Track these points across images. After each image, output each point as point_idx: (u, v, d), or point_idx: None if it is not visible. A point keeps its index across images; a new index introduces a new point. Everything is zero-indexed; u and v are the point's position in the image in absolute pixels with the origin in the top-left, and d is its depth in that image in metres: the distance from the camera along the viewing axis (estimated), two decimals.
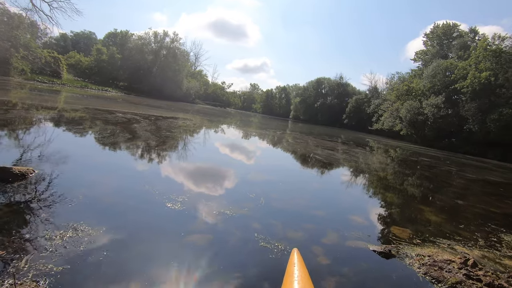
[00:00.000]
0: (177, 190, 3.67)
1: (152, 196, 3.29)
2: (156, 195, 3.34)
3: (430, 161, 15.86)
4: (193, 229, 2.68)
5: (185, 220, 2.84)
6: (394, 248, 2.96)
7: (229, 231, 2.74)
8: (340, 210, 4.16)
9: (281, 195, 4.32)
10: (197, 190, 3.84)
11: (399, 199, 5.55)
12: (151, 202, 3.13)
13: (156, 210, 2.95)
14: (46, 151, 4.49)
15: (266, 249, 2.50)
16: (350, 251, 2.79)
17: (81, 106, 13.82)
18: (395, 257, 2.74)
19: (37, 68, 33.11)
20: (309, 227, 3.22)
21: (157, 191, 3.46)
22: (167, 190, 3.56)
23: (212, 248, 2.37)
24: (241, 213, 3.28)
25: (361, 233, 3.26)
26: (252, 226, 2.96)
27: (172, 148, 6.81)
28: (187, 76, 66.02)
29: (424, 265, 2.59)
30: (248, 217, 3.20)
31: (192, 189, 3.85)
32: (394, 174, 9.14)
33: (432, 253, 2.86)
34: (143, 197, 3.26)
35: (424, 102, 37.44)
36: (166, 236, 2.47)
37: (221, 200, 3.62)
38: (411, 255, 2.84)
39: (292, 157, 9.42)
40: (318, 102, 73.93)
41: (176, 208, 3.04)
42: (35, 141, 5.03)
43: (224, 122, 20.59)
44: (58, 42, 62.86)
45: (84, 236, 2.20)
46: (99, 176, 3.81)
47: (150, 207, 3.01)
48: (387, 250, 2.78)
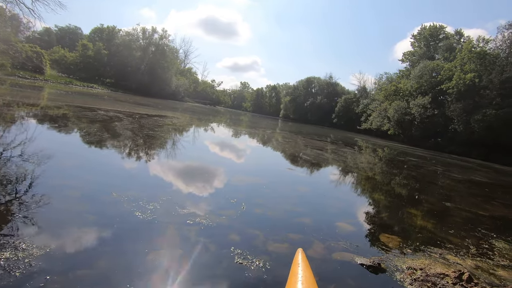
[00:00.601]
0: (149, 195, 3.34)
1: (119, 205, 2.95)
2: (124, 203, 3.00)
3: (417, 161, 15.94)
4: (160, 243, 2.37)
5: (153, 232, 2.52)
6: (383, 260, 2.73)
7: (202, 245, 2.44)
8: (327, 217, 3.92)
9: (265, 200, 4.05)
10: (172, 196, 3.52)
11: (387, 202, 5.37)
12: (116, 212, 2.79)
13: (120, 221, 2.62)
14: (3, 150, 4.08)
15: (242, 267, 2.20)
16: (337, 265, 2.53)
17: (60, 103, 13.20)
18: (385, 272, 2.51)
19: (18, 63, 31.81)
20: (294, 237, 2.95)
21: (125, 198, 3.12)
22: (137, 197, 3.23)
23: (178, 268, 2.06)
24: (219, 222, 2.98)
25: (349, 243, 3.02)
26: (230, 238, 2.67)
27: (152, 149, 6.44)
28: (176, 74, 65.11)
29: (416, 281, 2.36)
30: (226, 227, 2.91)
31: (167, 194, 3.52)
32: (382, 174, 9.02)
33: (424, 266, 2.64)
34: (108, 206, 2.92)
35: (411, 102, 37.96)
36: (126, 254, 2.14)
37: (198, 207, 3.31)
38: (401, 268, 2.61)
39: (280, 157, 9.17)
40: (308, 101, 74.21)
41: (144, 218, 2.72)
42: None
43: (213, 121, 20.21)
44: (42, 37, 60.72)
45: (25, 257, 1.86)
46: (59, 180, 3.44)
47: (114, 218, 2.68)
48: (376, 264, 2.54)
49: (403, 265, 2.67)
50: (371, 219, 4.13)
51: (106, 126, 8.34)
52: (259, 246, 2.60)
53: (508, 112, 27.80)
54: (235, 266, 2.21)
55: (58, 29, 67.63)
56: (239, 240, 2.66)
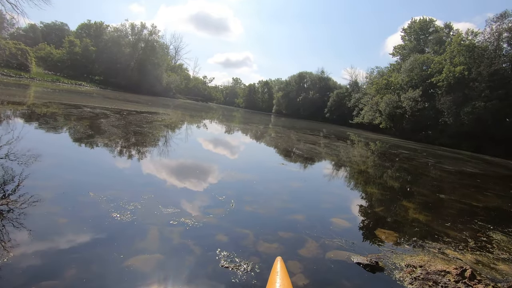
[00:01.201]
0: (131, 195, 3.11)
1: (96, 205, 2.72)
2: (102, 203, 2.77)
3: (409, 154, 15.97)
4: (139, 247, 2.15)
5: (131, 236, 2.30)
6: (381, 258, 2.57)
7: (185, 248, 2.24)
8: (321, 212, 3.75)
9: (256, 197, 3.86)
10: (156, 194, 3.29)
11: (381, 196, 5.25)
12: (91, 214, 2.56)
13: (95, 224, 2.39)
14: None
15: (227, 272, 2.01)
16: (332, 265, 2.36)
17: (44, 101, 12.73)
18: (383, 271, 2.35)
19: (2, 61, 30.76)
20: (286, 236, 2.77)
21: (104, 198, 2.89)
22: (117, 196, 3.00)
23: (156, 276, 1.85)
24: (206, 221, 2.78)
25: (344, 240, 2.86)
26: (216, 239, 2.47)
27: (137, 145, 6.17)
28: (167, 70, 64.15)
29: (416, 280, 2.20)
30: (213, 227, 2.70)
31: (150, 193, 3.30)
32: (375, 168, 8.93)
33: (424, 263, 2.49)
34: (83, 207, 2.68)
35: (402, 95, 38.18)
36: (99, 262, 1.92)
37: (183, 206, 3.10)
38: (400, 266, 2.45)
39: (272, 152, 8.99)
40: (300, 96, 74.19)
41: (122, 220, 2.49)
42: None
43: (205, 117, 19.88)
44: (27, 34, 58.93)
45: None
46: (30, 180, 3.17)
47: (87, 220, 2.44)
48: (373, 262, 2.38)
49: (401, 262, 2.51)
50: (366, 214, 3.99)
51: (90, 123, 8.00)
52: (248, 247, 2.41)
53: (496, 104, 28.18)
54: (220, 270, 2.01)
55: (44, 25, 65.72)
56: (226, 240, 2.46)
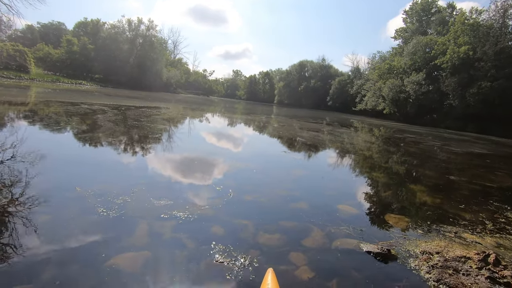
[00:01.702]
0: (120, 188, 2.91)
1: (81, 201, 2.52)
2: (88, 198, 2.57)
3: (415, 137, 15.63)
4: (125, 244, 1.94)
5: (118, 231, 2.10)
6: (393, 245, 2.34)
7: (177, 242, 2.03)
8: (326, 200, 3.52)
9: (257, 186, 3.64)
10: (147, 187, 3.09)
11: (389, 180, 5.00)
12: (74, 210, 2.35)
13: (77, 221, 2.19)
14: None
15: (222, 268, 1.80)
16: (339, 255, 2.14)
17: (42, 99, 12.58)
18: (396, 259, 2.12)
19: (0, 63, 30.59)
20: (289, 225, 2.55)
21: (91, 192, 2.69)
22: (106, 190, 2.79)
23: (142, 275, 1.65)
24: (200, 213, 2.57)
25: (352, 227, 2.63)
26: (212, 231, 2.26)
27: (130, 138, 5.96)
28: (166, 65, 63.66)
29: (434, 268, 1.98)
30: (208, 218, 2.49)
31: (141, 185, 3.09)
32: (381, 153, 8.66)
33: (441, 248, 2.27)
34: (67, 203, 2.47)
35: (406, 79, 37.45)
36: (79, 263, 1.72)
37: (177, 197, 2.89)
38: (415, 253, 2.23)
39: (275, 141, 8.75)
40: (301, 85, 73.43)
41: (108, 215, 2.29)
42: None
43: (206, 110, 19.62)
44: (25, 35, 58.66)
45: None
46: (14, 176, 2.98)
47: (70, 218, 2.24)
48: (385, 250, 2.15)
49: (416, 249, 2.29)
50: (374, 199, 3.75)
51: (86, 119, 7.81)
52: (247, 239, 2.20)
53: (503, 84, 27.47)
54: (214, 266, 1.80)
55: (41, 25, 65.35)
56: (223, 233, 2.25)
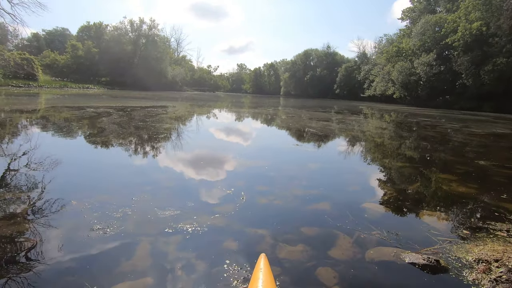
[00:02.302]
0: (121, 198, 2.62)
1: (75, 216, 2.23)
2: (84, 213, 2.28)
3: (430, 121, 14.99)
4: (122, 271, 1.64)
5: (114, 255, 1.79)
6: (438, 251, 1.98)
7: (183, 264, 1.72)
8: (349, 198, 3.16)
9: (271, 186, 3.30)
10: (151, 195, 2.78)
11: (414, 170, 4.58)
12: (67, 229, 2.07)
13: (69, 243, 1.89)
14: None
15: None
16: (377, 268, 1.79)
17: (49, 106, 12.53)
18: (448, 272, 1.76)
19: (10, 73, 30.97)
20: (311, 233, 2.21)
21: (88, 206, 2.40)
22: (105, 202, 2.50)
23: None
24: (210, 224, 2.25)
25: (385, 231, 2.27)
26: (224, 247, 1.94)
27: (133, 141, 5.69)
28: (171, 64, 63.67)
29: (499, 283, 1.61)
30: (219, 230, 2.17)
31: (145, 193, 2.79)
32: (398, 139, 8.18)
33: (499, 254, 1.89)
34: (58, 221, 2.18)
35: (416, 61, 36.21)
36: None
37: (183, 205, 2.58)
38: (468, 262, 1.86)
39: (285, 134, 8.37)
40: (307, 75, 72.30)
41: (105, 234, 1.99)
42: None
43: (214, 106, 19.31)
44: (31, 43, 59.64)
45: None
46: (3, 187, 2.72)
47: (60, 239, 1.96)
48: (432, 261, 1.79)
49: (468, 256, 1.91)
50: (402, 194, 3.36)
51: (90, 123, 7.61)
52: (266, 254, 1.87)
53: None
54: None
55: (46, 33, 66.27)
56: (237, 248, 1.93)
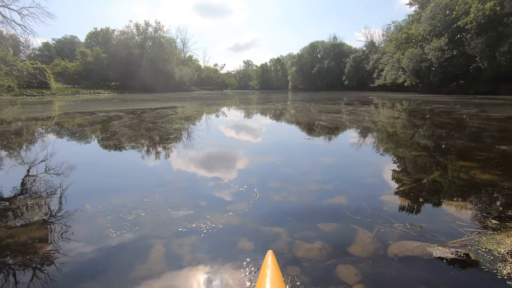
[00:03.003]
0: (134, 200, 2.59)
1: (90, 221, 2.21)
2: (99, 217, 2.26)
3: (444, 107, 14.53)
4: (136, 276, 1.60)
5: (127, 259, 1.76)
6: (466, 244, 1.86)
7: (198, 267, 1.66)
8: (366, 190, 3.04)
9: (284, 182, 3.22)
10: (164, 195, 2.75)
11: (432, 159, 4.41)
12: (80, 235, 2.05)
13: (81, 250, 1.87)
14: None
15: None
16: (400, 265, 1.69)
17: (62, 112, 12.80)
18: (479, 266, 1.65)
19: (24, 82, 31.91)
20: (329, 229, 2.12)
21: (101, 209, 2.38)
22: (118, 205, 2.48)
23: None
24: (224, 222, 2.19)
25: (408, 223, 2.16)
26: (239, 247, 1.87)
27: (144, 142, 5.70)
28: (177, 64, 64.14)
29: None
30: (234, 229, 2.11)
31: (158, 194, 2.76)
32: (413, 128, 7.93)
33: None
34: (72, 226, 2.18)
35: (426, 47, 35.17)
36: None
37: (196, 204, 2.53)
38: (501, 254, 1.74)
39: (295, 128, 8.26)
40: (315, 67, 71.51)
41: (118, 237, 1.96)
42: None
43: (222, 104, 19.32)
44: (42, 52, 61.35)
45: None
46: (12, 190, 2.74)
47: (73, 246, 1.94)
48: (462, 255, 1.68)
49: (500, 248, 1.79)
50: (422, 184, 3.22)
51: (102, 127, 7.69)
52: (283, 253, 1.79)
53: None
54: None
55: (56, 41, 67.97)
56: (252, 248, 1.86)
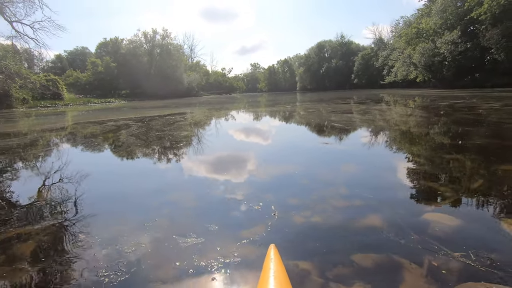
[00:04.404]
0: (135, 227, 2.24)
1: (80, 259, 1.87)
2: (91, 252, 1.91)
3: (464, 102, 13.82)
4: None
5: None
6: None
7: None
8: (403, 208, 2.52)
9: (304, 198, 2.80)
10: (170, 219, 2.39)
11: (473, 163, 3.89)
12: (67, 278, 1.71)
13: None
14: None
15: None
16: None
17: (71, 123, 12.79)
18: None
19: (38, 94, 32.79)
20: (367, 263, 1.71)
21: (98, 239, 2.03)
22: (116, 234, 2.13)
23: None
24: (240, 254, 1.81)
25: (471, 253, 1.73)
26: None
27: (151, 152, 5.39)
28: (186, 70, 64.89)
29: None
30: (251, 264, 1.72)
31: (162, 217, 2.40)
32: (438, 128, 7.37)
33: None
34: (58, 268, 1.84)
35: (438, 41, 34.15)
36: None
37: (206, 230, 2.15)
38: None
39: (308, 132, 7.83)
40: (323, 67, 70.86)
41: (112, 283, 1.61)
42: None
43: (231, 108, 19.03)
44: (55, 64, 63.21)
45: None
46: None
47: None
48: None
49: None
50: (471, 197, 2.73)
51: (110, 137, 7.47)
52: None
53: None
54: None
55: (68, 53, 69.92)
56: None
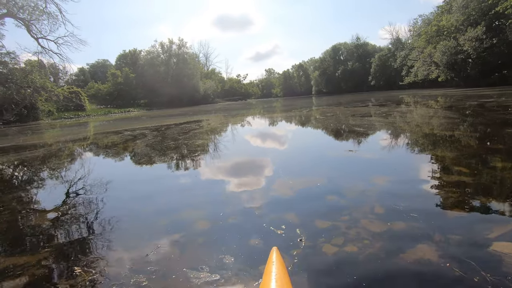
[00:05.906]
0: (137, 257, 1.97)
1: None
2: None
3: (495, 101, 12.91)
4: None
5: None
6: None
7: None
8: (461, 232, 2.14)
9: (333, 218, 2.41)
10: (179, 246, 2.10)
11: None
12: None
13: None
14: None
15: None
16: None
17: (89, 134, 13.02)
18: None
19: (61, 106, 34.21)
20: None
21: (95, 274, 1.77)
22: (115, 266, 1.87)
23: None
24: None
25: None
26: None
27: (163, 165, 5.17)
28: (201, 78, 66.06)
29: None
30: None
31: (171, 245, 2.12)
32: (475, 130, 6.74)
33: None
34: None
35: (461, 38, 32.70)
36: None
37: (220, 262, 1.84)
38: None
39: (329, 138, 7.40)
40: (338, 70, 69.87)
41: None
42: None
43: (246, 114, 18.84)
44: (78, 77, 66.23)
45: None
46: None
47: None
48: None
49: None
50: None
51: (126, 147, 7.39)
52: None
53: None
54: None
55: (90, 66, 73.16)
56: None
